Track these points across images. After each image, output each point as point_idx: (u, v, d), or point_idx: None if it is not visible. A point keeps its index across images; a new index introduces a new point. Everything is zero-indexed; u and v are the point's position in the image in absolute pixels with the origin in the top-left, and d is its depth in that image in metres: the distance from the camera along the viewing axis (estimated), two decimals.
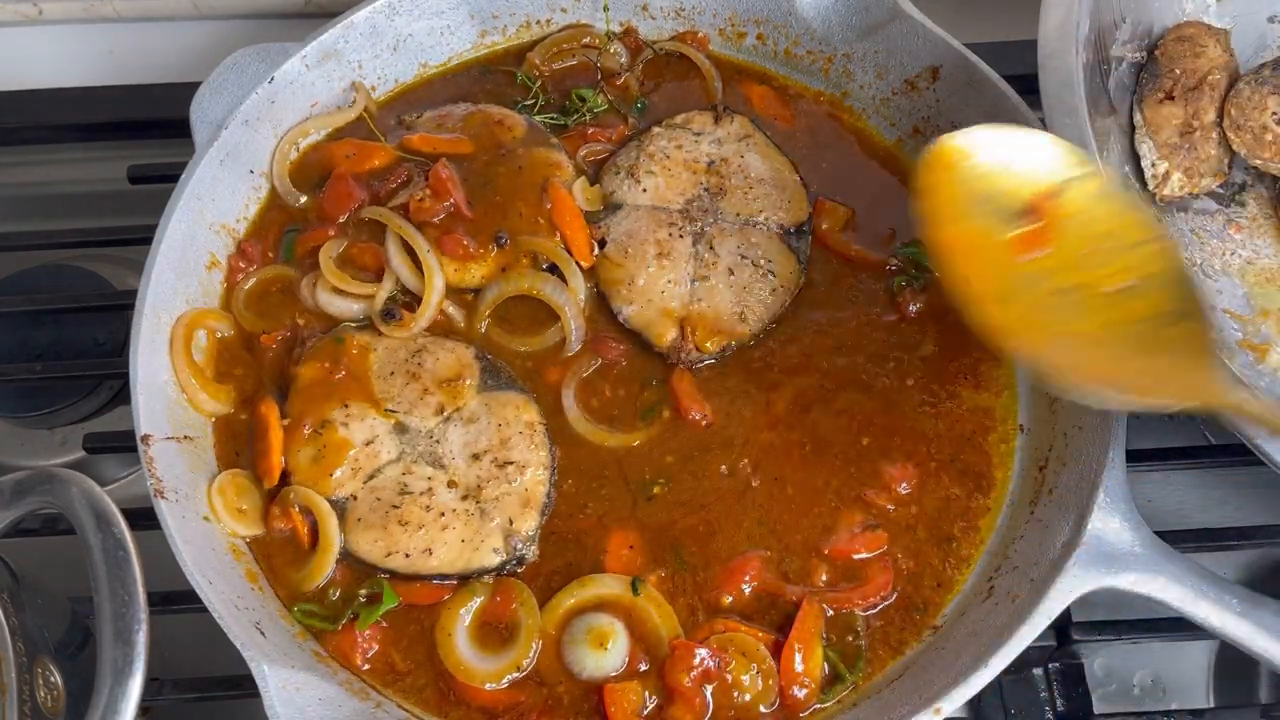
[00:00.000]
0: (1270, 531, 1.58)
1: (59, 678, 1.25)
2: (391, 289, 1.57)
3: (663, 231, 1.62)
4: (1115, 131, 1.52)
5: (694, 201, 1.65)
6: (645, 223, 1.63)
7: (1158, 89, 1.53)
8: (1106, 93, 1.49)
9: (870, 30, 1.73)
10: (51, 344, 1.79)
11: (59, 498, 1.19)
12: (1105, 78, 1.50)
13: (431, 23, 1.77)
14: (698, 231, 1.62)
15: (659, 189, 1.65)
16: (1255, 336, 1.47)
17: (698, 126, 1.72)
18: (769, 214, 1.64)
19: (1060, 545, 1.36)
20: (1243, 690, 1.63)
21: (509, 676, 1.39)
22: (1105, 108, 1.49)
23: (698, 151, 1.69)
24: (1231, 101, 1.52)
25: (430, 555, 1.40)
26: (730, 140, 1.71)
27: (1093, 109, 1.35)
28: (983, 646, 1.32)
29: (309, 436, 1.46)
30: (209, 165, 1.58)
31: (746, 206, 1.64)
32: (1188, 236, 1.53)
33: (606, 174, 1.69)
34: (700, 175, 1.67)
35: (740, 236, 1.62)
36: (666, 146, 1.69)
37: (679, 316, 1.57)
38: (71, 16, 2.12)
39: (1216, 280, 1.52)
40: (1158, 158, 1.51)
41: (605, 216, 1.64)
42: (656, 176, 1.66)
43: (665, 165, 1.67)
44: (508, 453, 1.46)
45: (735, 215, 1.64)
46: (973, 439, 1.55)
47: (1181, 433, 1.79)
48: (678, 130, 1.72)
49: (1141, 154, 1.53)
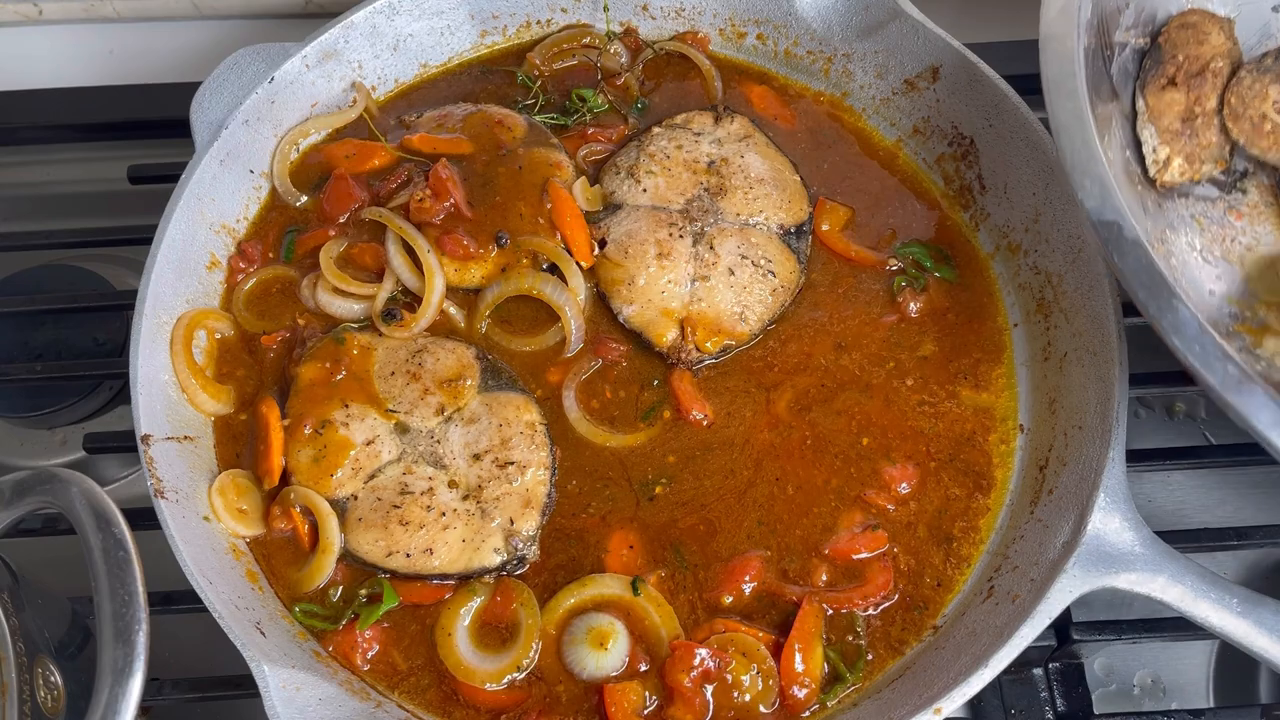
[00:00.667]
0: (1270, 531, 1.58)
1: (59, 678, 1.25)
2: (392, 289, 1.57)
3: (663, 231, 1.61)
4: (1117, 117, 1.50)
5: (694, 201, 1.65)
6: (645, 223, 1.62)
7: (1160, 75, 1.51)
8: (1109, 77, 1.48)
9: (870, 30, 1.73)
10: (51, 344, 1.79)
11: (59, 498, 1.19)
12: (1108, 63, 1.49)
13: (431, 23, 1.77)
14: (698, 231, 1.62)
15: (659, 189, 1.65)
16: (1253, 321, 1.46)
17: (698, 126, 1.72)
18: (769, 214, 1.64)
19: (1060, 545, 1.36)
20: (1243, 690, 1.63)
21: (509, 676, 1.39)
22: (1107, 93, 1.47)
23: (698, 151, 1.69)
24: (1232, 90, 1.51)
25: (431, 555, 1.40)
26: (730, 140, 1.71)
27: (1094, 94, 1.34)
28: (983, 646, 1.32)
29: (309, 437, 1.45)
30: (209, 165, 1.59)
31: (747, 206, 1.64)
32: (1188, 222, 1.53)
33: (606, 174, 1.69)
34: (700, 175, 1.67)
35: (740, 236, 1.62)
36: (667, 146, 1.69)
37: (679, 317, 1.57)
38: (71, 16, 2.12)
39: (1215, 266, 1.51)
40: (1159, 144, 1.50)
41: (605, 216, 1.64)
42: (657, 176, 1.66)
43: (665, 165, 1.67)
44: (508, 453, 1.46)
45: (735, 215, 1.64)
46: (973, 439, 1.55)
47: (1181, 433, 1.80)
48: (678, 130, 1.72)
49: (1143, 140, 1.52)
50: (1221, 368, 1.16)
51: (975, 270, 1.66)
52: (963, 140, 1.68)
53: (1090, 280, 1.49)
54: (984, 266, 1.66)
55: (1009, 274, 1.64)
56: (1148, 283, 1.21)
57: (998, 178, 1.65)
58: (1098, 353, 1.46)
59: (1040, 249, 1.59)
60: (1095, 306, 1.48)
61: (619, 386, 1.57)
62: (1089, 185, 1.26)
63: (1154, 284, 1.20)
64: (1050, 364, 1.55)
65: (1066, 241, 1.54)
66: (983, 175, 1.66)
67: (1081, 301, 1.51)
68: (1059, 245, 1.55)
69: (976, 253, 1.67)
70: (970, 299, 1.64)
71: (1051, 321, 1.56)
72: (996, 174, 1.65)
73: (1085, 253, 1.51)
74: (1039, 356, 1.57)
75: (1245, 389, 1.15)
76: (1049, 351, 1.56)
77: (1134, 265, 1.21)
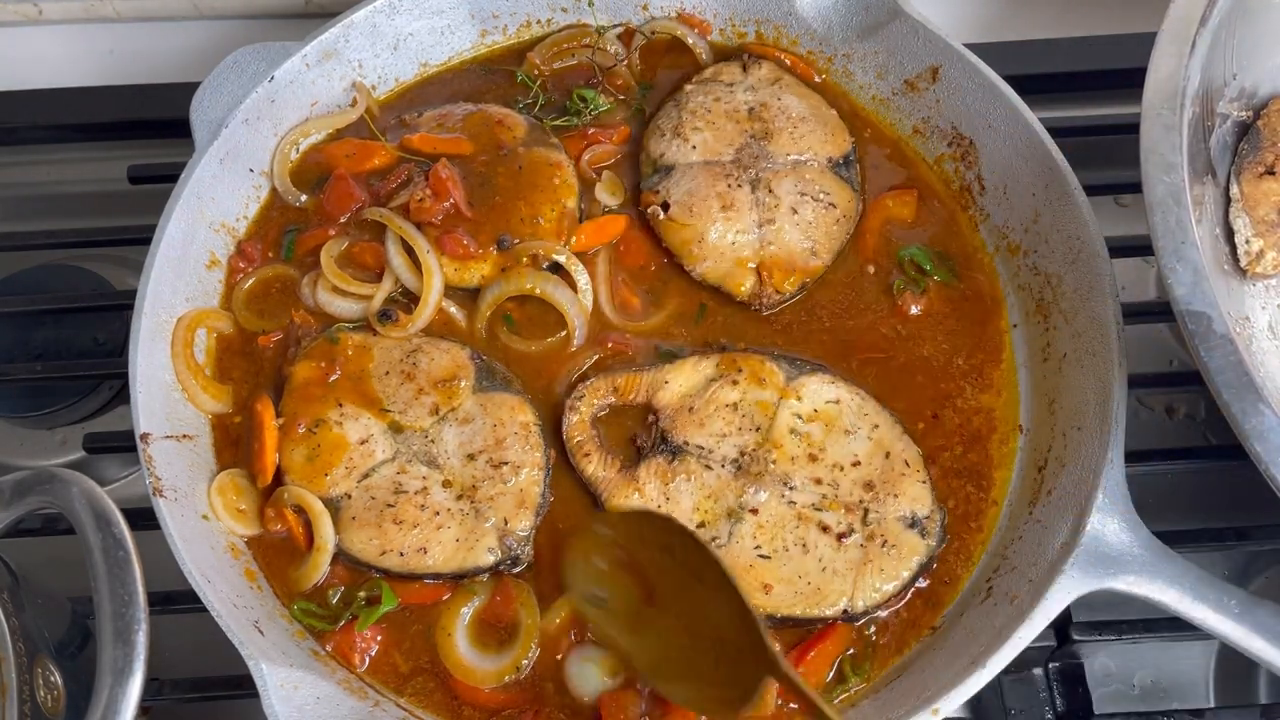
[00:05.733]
0: (1269, 532, 1.58)
1: (59, 678, 1.25)
2: (391, 289, 1.57)
3: (721, 184, 1.63)
4: (1210, 196, 1.45)
5: (744, 150, 1.66)
6: (703, 179, 1.64)
7: (1258, 161, 1.47)
8: (1206, 150, 1.43)
9: (870, 30, 1.73)
10: (51, 344, 1.79)
11: (59, 498, 1.19)
12: (1207, 134, 1.44)
13: (432, 22, 1.77)
14: (754, 178, 1.64)
15: (708, 143, 1.66)
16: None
17: (728, 77, 1.74)
18: (816, 149, 1.67)
19: (1059, 546, 1.36)
20: (1243, 690, 1.63)
21: (508, 677, 1.39)
22: (1203, 166, 1.43)
23: (736, 101, 1.70)
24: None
25: (425, 554, 1.41)
26: (763, 85, 1.72)
27: (1190, 168, 1.28)
28: (981, 647, 1.32)
29: (303, 436, 1.46)
30: (209, 165, 1.59)
31: (794, 145, 1.67)
32: (1270, 309, 1.49)
33: (651, 137, 1.70)
34: (744, 123, 1.68)
35: (795, 175, 1.64)
36: (705, 101, 1.70)
37: (753, 264, 1.59)
38: (71, 16, 2.12)
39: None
40: (1253, 234, 1.46)
41: (659, 180, 1.65)
42: (703, 132, 1.67)
43: (709, 119, 1.68)
44: (503, 453, 1.46)
45: (785, 156, 1.66)
46: (973, 439, 1.55)
47: (1181, 433, 1.79)
48: (710, 84, 1.73)
49: (1236, 229, 1.48)
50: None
51: (974, 271, 1.66)
52: (962, 141, 1.68)
53: (1090, 281, 1.49)
54: (983, 267, 1.66)
55: (1008, 275, 1.64)
56: (1234, 383, 1.16)
57: (997, 178, 1.64)
58: (1097, 353, 1.46)
59: (1040, 250, 1.58)
60: (1095, 307, 1.48)
61: None
62: (1180, 270, 1.21)
63: (1241, 385, 1.16)
64: (1050, 365, 1.55)
65: (1066, 243, 1.54)
66: (982, 176, 1.66)
67: (1081, 303, 1.51)
68: (1058, 246, 1.55)
69: (976, 254, 1.67)
70: (970, 300, 1.64)
71: (1051, 322, 1.56)
72: (996, 175, 1.65)
73: (1084, 254, 1.51)
74: (1038, 357, 1.57)
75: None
76: (1048, 352, 1.56)
77: (1221, 363, 1.17)
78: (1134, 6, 1.95)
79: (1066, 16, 2.09)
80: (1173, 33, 1.36)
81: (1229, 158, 1.50)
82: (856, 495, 1.43)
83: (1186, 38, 1.35)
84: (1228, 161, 1.50)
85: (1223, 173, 1.49)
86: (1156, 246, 1.24)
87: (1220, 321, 1.18)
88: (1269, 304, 1.52)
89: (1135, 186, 1.83)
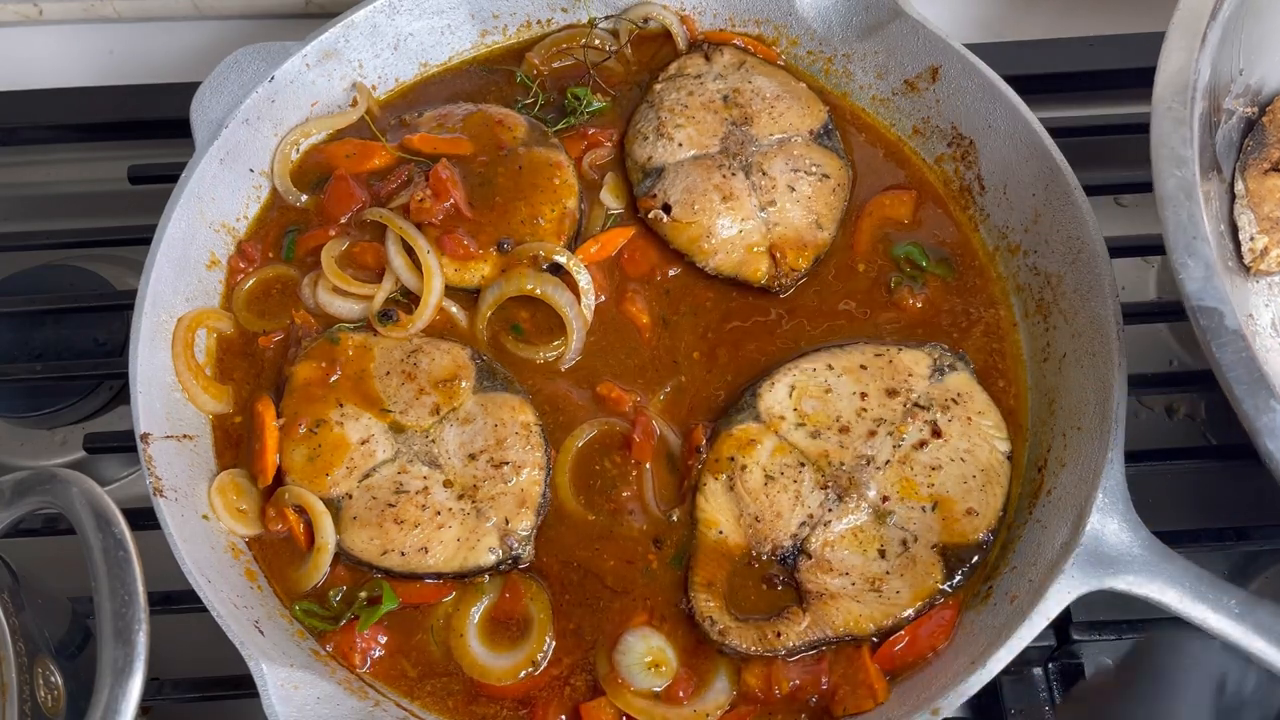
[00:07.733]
0: (1269, 531, 1.58)
1: (59, 678, 1.25)
2: (391, 289, 1.57)
3: (716, 176, 1.64)
4: (1215, 192, 1.44)
5: (728, 138, 1.67)
6: (697, 174, 1.64)
7: (1263, 158, 1.46)
8: (1212, 145, 1.42)
9: (870, 30, 1.73)
10: (51, 344, 1.79)
11: (59, 498, 1.19)
12: (1213, 130, 1.43)
13: (432, 22, 1.77)
14: (745, 164, 1.65)
15: (693, 138, 1.67)
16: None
17: (694, 69, 1.74)
18: (796, 124, 1.69)
19: (1058, 546, 1.36)
20: None
21: (524, 671, 1.39)
22: (1208, 162, 1.41)
23: (709, 91, 1.71)
24: None
25: (426, 554, 1.41)
26: (731, 71, 1.74)
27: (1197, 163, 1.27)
28: (980, 647, 1.32)
29: (304, 436, 1.46)
30: (209, 164, 1.59)
31: (775, 124, 1.68)
32: (1271, 305, 1.49)
33: (634, 143, 1.70)
34: (722, 112, 1.69)
35: (783, 153, 1.66)
36: (680, 96, 1.71)
37: (763, 248, 1.60)
38: (71, 16, 2.12)
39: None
40: (1257, 231, 1.46)
41: (653, 183, 1.65)
42: (685, 128, 1.68)
43: (688, 114, 1.69)
44: (504, 453, 1.46)
45: (769, 136, 1.68)
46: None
47: (1181, 433, 1.79)
48: (679, 79, 1.74)
49: (1240, 225, 1.47)
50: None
51: (974, 271, 1.66)
52: (962, 141, 1.68)
53: (1089, 281, 1.49)
54: (983, 267, 1.66)
55: (1008, 274, 1.64)
56: (1246, 379, 1.14)
57: (997, 178, 1.64)
58: (1097, 353, 1.46)
59: (1040, 250, 1.58)
60: (1094, 307, 1.48)
61: None
62: (1192, 265, 1.19)
63: (1253, 381, 1.14)
64: (1049, 365, 1.55)
65: (1066, 243, 1.54)
66: (982, 176, 1.66)
67: (1081, 302, 1.51)
68: (1058, 246, 1.55)
69: (976, 253, 1.67)
70: (969, 299, 1.63)
71: (1051, 322, 1.56)
72: (996, 175, 1.65)
73: (1084, 254, 1.51)
74: (1038, 357, 1.57)
75: None
76: (1048, 352, 1.56)
77: (1233, 359, 1.15)
78: (1134, 7, 1.96)
79: (1066, 16, 2.09)
80: (1183, 26, 1.35)
81: (1234, 154, 1.49)
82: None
83: (1197, 31, 1.34)
84: (1233, 158, 1.49)
85: (1228, 169, 1.48)
86: (1168, 241, 1.22)
87: (1232, 317, 1.17)
88: (1272, 301, 1.51)
89: (1135, 186, 1.84)
